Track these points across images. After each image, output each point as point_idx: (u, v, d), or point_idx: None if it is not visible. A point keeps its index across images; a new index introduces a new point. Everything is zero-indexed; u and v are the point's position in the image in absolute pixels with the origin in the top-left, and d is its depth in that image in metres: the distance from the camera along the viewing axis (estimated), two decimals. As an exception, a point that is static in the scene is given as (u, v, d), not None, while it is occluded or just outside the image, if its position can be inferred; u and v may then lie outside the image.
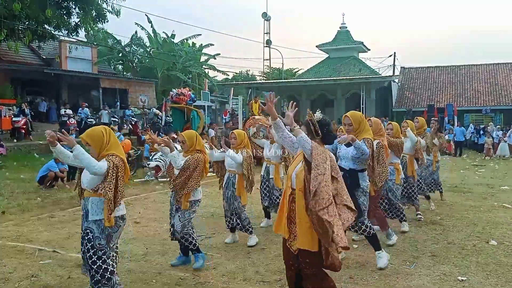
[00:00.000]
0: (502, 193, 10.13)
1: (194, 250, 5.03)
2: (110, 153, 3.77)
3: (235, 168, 5.81)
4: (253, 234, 5.98)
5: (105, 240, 3.79)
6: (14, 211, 8.12)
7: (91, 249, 3.75)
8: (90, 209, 3.79)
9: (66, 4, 19.77)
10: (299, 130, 3.39)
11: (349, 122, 4.93)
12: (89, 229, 3.77)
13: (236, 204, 5.84)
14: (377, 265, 4.95)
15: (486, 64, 31.68)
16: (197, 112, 13.28)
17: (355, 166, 4.89)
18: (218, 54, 37.50)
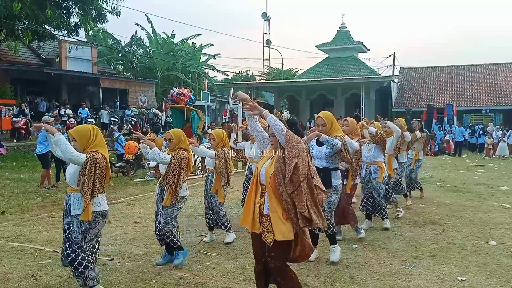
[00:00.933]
0: (502, 193, 10.14)
1: (175, 248, 5.10)
2: (94, 149, 3.89)
3: (211, 166, 5.96)
4: (231, 231, 6.09)
5: (81, 235, 3.89)
6: (14, 211, 8.12)
7: (67, 241, 3.90)
8: (72, 204, 3.91)
9: (66, 4, 19.78)
10: (267, 112, 3.49)
11: (322, 123, 5.02)
12: (70, 223, 3.92)
13: (213, 202, 5.97)
14: (330, 258, 5.12)
15: (485, 64, 31.70)
16: (196, 112, 13.27)
17: (328, 164, 4.99)
18: (218, 54, 37.60)
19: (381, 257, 5.37)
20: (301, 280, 4.59)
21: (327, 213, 4.96)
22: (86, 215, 3.83)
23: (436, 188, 10.78)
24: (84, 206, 3.81)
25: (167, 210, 5.03)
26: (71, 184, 3.94)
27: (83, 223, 3.87)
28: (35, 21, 18.49)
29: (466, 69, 31.81)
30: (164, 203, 5.00)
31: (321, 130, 4.99)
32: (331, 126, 5.04)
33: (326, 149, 4.94)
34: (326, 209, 4.93)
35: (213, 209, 6.02)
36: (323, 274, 4.78)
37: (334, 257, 5.14)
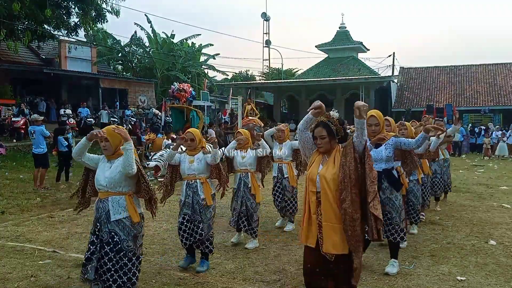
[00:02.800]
0: (501, 193, 10.15)
1: (204, 254, 4.96)
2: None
3: (247, 166, 5.79)
4: (256, 239, 5.89)
5: (132, 241, 3.66)
6: (14, 211, 8.12)
7: (120, 251, 3.60)
8: (111, 208, 3.63)
9: (66, 4, 19.76)
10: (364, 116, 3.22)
11: (375, 122, 4.70)
12: (113, 232, 3.61)
13: (249, 204, 5.75)
14: (386, 269, 4.82)
15: (485, 65, 31.71)
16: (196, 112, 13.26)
17: (387, 165, 4.72)
18: (217, 54, 37.59)
19: (380, 257, 5.37)
20: (300, 280, 4.60)
21: (396, 219, 4.66)
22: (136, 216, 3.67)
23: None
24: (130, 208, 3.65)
25: (206, 213, 4.89)
26: (108, 188, 3.65)
27: (131, 229, 3.65)
28: (35, 21, 18.47)
29: (466, 69, 31.82)
30: (209, 203, 4.87)
31: (374, 130, 4.67)
32: (383, 126, 4.75)
33: (386, 150, 4.67)
34: (394, 215, 4.66)
35: (248, 212, 5.76)
36: (323, 274, 4.77)
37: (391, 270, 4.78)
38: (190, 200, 4.92)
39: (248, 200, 5.76)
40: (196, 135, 5.02)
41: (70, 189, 10.22)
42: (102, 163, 3.77)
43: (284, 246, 5.84)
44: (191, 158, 4.98)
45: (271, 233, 6.57)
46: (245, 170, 5.80)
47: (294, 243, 5.97)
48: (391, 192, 4.68)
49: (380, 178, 4.57)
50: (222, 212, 7.72)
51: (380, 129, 4.71)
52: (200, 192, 4.90)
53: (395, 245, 4.83)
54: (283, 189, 6.70)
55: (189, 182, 4.97)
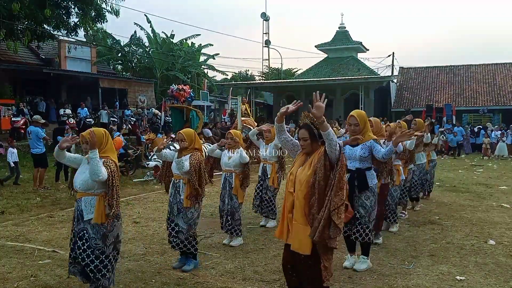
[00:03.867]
0: (501, 193, 10.16)
1: (191, 254, 4.98)
2: (105, 156, 3.86)
3: (232, 167, 5.85)
4: (240, 237, 5.98)
5: (101, 240, 3.82)
6: (13, 211, 8.12)
7: (88, 249, 3.78)
8: (84, 208, 3.82)
9: (65, 4, 19.75)
10: (327, 124, 3.28)
11: (355, 122, 4.76)
12: (84, 230, 3.81)
13: (232, 204, 5.85)
14: (355, 266, 4.92)
15: (484, 64, 31.74)
16: (196, 112, 13.28)
17: (361, 165, 4.76)
18: (217, 54, 37.59)
19: (380, 256, 5.37)
20: (300, 279, 4.61)
21: (365, 218, 4.71)
22: (99, 218, 3.76)
23: (435, 188, 10.75)
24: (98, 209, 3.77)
25: (187, 213, 4.88)
26: (83, 190, 3.85)
27: (100, 228, 3.80)
28: (35, 21, 18.46)
29: (465, 69, 31.84)
30: (185, 204, 4.85)
31: (354, 130, 4.74)
32: (364, 127, 4.77)
33: (361, 150, 4.71)
34: (362, 214, 4.70)
35: (230, 211, 5.84)
36: (322, 274, 4.78)
37: (360, 267, 4.88)
38: (172, 198, 5.01)
39: (231, 199, 5.85)
40: (187, 136, 4.97)
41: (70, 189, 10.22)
42: (83, 165, 3.93)
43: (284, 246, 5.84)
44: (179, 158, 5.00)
45: (271, 232, 6.57)
46: (230, 170, 5.87)
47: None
48: (361, 191, 4.72)
49: (353, 177, 4.70)
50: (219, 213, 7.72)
51: (361, 129, 4.75)
52: (182, 192, 4.92)
53: (364, 244, 4.89)
54: (264, 188, 6.84)
55: (174, 181, 5.03)
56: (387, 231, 6.45)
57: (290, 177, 3.46)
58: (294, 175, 3.43)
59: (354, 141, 4.70)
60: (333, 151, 3.27)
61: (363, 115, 4.84)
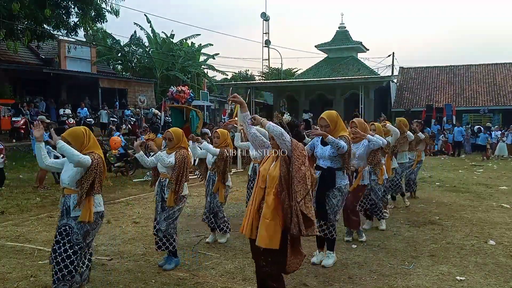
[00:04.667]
0: (501, 193, 10.15)
1: (171, 252, 5.03)
2: (89, 152, 3.90)
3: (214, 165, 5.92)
4: (227, 234, 6.06)
5: (82, 236, 3.86)
6: (13, 211, 8.12)
7: (67, 243, 3.81)
8: (71, 205, 3.87)
9: (65, 4, 19.75)
10: (265, 120, 3.47)
11: (325, 124, 4.90)
12: (67, 225, 3.85)
13: (214, 202, 5.93)
14: (323, 262, 5.03)
15: (484, 64, 31.72)
16: (196, 112, 13.27)
17: (332, 164, 4.89)
18: (217, 54, 37.56)
19: (380, 257, 5.37)
20: (300, 280, 4.62)
21: (330, 216, 4.87)
22: (86, 216, 3.81)
23: (435, 188, 10.79)
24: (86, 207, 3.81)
25: (168, 211, 4.97)
26: (70, 186, 3.92)
27: (84, 225, 3.84)
28: (34, 21, 18.47)
29: (465, 69, 31.83)
30: (169, 204, 4.92)
31: (324, 131, 4.85)
32: (335, 127, 4.91)
33: (330, 150, 4.84)
34: (328, 212, 4.84)
35: (213, 210, 5.96)
36: (322, 274, 4.78)
37: (327, 262, 5.02)
38: (157, 196, 5.09)
39: (214, 198, 5.92)
40: (174, 135, 5.06)
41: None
42: (67, 163, 3.98)
43: (284, 246, 5.84)
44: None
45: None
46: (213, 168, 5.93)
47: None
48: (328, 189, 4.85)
49: (323, 175, 4.86)
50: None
51: (331, 130, 4.88)
52: (166, 191, 4.99)
53: (330, 240, 5.03)
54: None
55: (161, 179, 5.12)
56: (376, 230, 6.57)
57: (263, 173, 3.56)
58: (266, 171, 3.53)
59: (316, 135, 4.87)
60: (281, 143, 3.42)
61: (334, 116, 5.00)
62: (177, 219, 5.12)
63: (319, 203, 4.82)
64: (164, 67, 33.13)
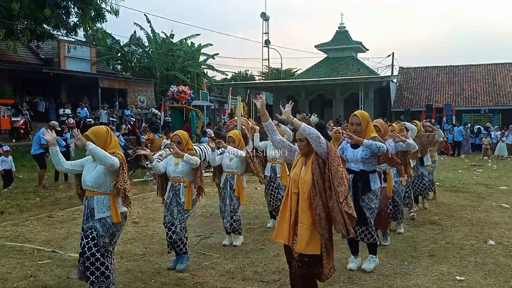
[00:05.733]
0: (500, 193, 10.15)
1: (183, 253, 5.01)
2: (111, 152, 3.84)
3: (233, 169, 5.83)
4: (241, 235, 5.99)
5: (109, 238, 3.84)
6: (13, 211, 8.12)
7: (94, 247, 3.76)
8: (96, 207, 3.80)
9: (65, 4, 19.74)
10: (298, 121, 3.39)
11: (357, 122, 4.72)
12: (93, 228, 3.79)
13: (232, 204, 5.83)
14: (363, 265, 4.91)
15: (484, 64, 31.72)
16: (196, 112, 13.28)
17: (365, 167, 4.72)
18: (217, 54, 37.52)
19: (380, 257, 5.35)
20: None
21: (369, 220, 4.69)
22: (115, 216, 3.78)
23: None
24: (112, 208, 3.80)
25: (183, 214, 4.94)
26: (94, 188, 3.83)
27: (110, 227, 3.81)
28: (34, 20, 18.46)
29: (465, 69, 31.83)
30: (187, 207, 4.90)
31: (355, 129, 4.70)
32: (366, 127, 4.73)
33: (362, 152, 4.67)
34: (367, 216, 4.67)
35: (229, 212, 5.84)
36: (322, 274, 4.78)
37: (369, 266, 4.86)
38: (169, 200, 5.02)
39: (232, 200, 5.84)
40: (183, 138, 5.03)
41: (70, 189, 10.24)
42: (88, 164, 3.93)
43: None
44: (176, 160, 5.03)
45: (271, 233, 6.56)
46: (231, 172, 5.86)
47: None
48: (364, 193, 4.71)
49: (356, 179, 4.71)
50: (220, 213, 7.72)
51: (362, 129, 4.72)
52: (182, 195, 4.95)
53: (372, 244, 4.90)
54: (276, 188, 6.78)
55: (173, 184, 5.04)
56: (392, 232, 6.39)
57: (294, 178, 3.49)
58: (298, 175, 3.47)
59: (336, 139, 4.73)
60: (317, 145, 3.35)
61: (366, 116, 4.84)
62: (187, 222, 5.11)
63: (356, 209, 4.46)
64: (164, 67, 33.12)
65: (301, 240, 3.35)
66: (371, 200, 4.73)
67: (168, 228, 4.98)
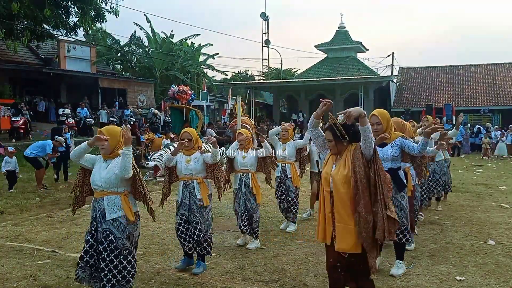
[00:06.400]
0: (500, 193, 10.16)
1: (207, 252, 4.90)
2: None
3: (248, 167, 5.77)
4: (258, 239, 5.88)
5: (128, 240, 3.69)
6: (13, 211, 8.12)
7: (115, 249, 3.61)
8: (107, 207, 3.65)
9: (65, 4, 19.74)
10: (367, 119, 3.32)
11: (377, 121, 4.63)
12: (108, 231, 3.64)
13: (250, 205, 5.73)
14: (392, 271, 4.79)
15: (484, 64, 31.72)
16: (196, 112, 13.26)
17: (393, 165, 4.63)
18: (216, 54, 37.53)
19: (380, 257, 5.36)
20: (299, 279, 4.61)
21: (402, 219, 4.60)
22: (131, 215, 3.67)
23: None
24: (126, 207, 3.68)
25: (202, 213, 4.82)
26: (104, 188, 3.68)
27: (125, 228, 3.66)
28: (34, 20, 18.45)
29: (465, 69, 31.83)
30: (206, 203, 4.82)
31: (376, 129, 4.58)
32: (387, 125, 4.64)
33: (392, 150, 4.61)
34: (400, 215, 4.54)
35: (248, 212, 5.73)
36: (322, 274, 4.77)
37: (397, 272, 4.75)
38: (187, 200, 4.87)
39: (249, 200, 5.73)
40: (193, 135, 4.97)
41: (70, 189, 10.20)
42: (98, 163, 3.78)
43: (284, 246, 5.84)
44: (187, 158, 4.92)
45: (270, 233, 6.57)
46: (246, 170, 5.77)
47: (293, 243, 5.98)
48: (396, 192, 4.60)
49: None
50: (221, 212, 7.73)
51: (384, 128, 4.63)
52: (197, 192, 4.85)
53: (401, 246, 4.81)
54: (286, 189, 6.66)
55: (185, 182, 4.91)
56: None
57: (325, 177, 3.46)
58: (329, 174, 3.45)
59: (381, 140, 4.63)
60: (367, 147, 3.31)
61: (386, 114, 4.77)
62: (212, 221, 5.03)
63: None
64: (164, 67, 33.12)
65: (340, 238, 3.34)
66: (403, 198, 4.67)
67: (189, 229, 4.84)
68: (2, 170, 10.24)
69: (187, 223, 4.87)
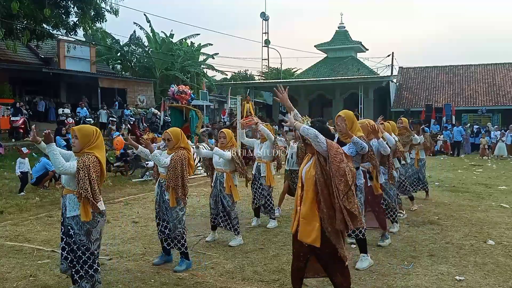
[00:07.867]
0: (500, 193, 10.16)
1: (183, 254, 5.00)
2: (90, 151, 3.83)
3: (222, 167, 5.86)
4: (239, 236, 5.99)
5: (85, 236, 3.85)
6: (12, 210, 8.11)
7: (73, 244, 3.85)
8: (67, 205, 3.88)
9: (65, 4, 19.73)
10: (298, 124, 3.61)
11: (342, 120, 4.85)
12: (69, 226, 3.88)
13: (225, 203, 5.85)
14: (356, 265, 4.94)
15: (484, 64, 31.75)
16: (195, 112, 13.27)
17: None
18: (216, 53, 37.54)
19: (379, 257, 5.37)
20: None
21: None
22: (85, 215, 3.77)
23: (434, 188, 10.78)
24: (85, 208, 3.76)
25: (171, 212, 4.93)
26: (66, 186, 3.91)
27: (83, 224, 3.82)
28: (34, 20, 18.44)
29: (465, 69, 31.85)
30: (172, 204, 4.88)
31: (340, 128, 4.81)
32: (352, 126, 4.84)
33: (348, 149, 4.73)
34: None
35: (225, 210, 5.87)
36: (322, 274, 4.78)
37: (361, 265, 4.94)
38: (158, 198, 5.06)
39: (224, 198, 5.87)
40: (173, 136, 4.96)
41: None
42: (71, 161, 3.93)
43: (283, 246, 5.85)
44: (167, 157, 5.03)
45: (270, 233, 6.58)
46: (221, 170, 5.89)
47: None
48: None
49: None
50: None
51: (348, 127, 4.82)
52: (166, 192, 4.94)
53: (361, 241, 5.01)
54: (259, 187, 6.80)
55: (160, 180, 5.06)
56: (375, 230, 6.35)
57: (299, 174, 3.73)
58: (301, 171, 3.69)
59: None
60: (317, 144, 3.47)
61: (351, 115, 4.97)
62: (184, 219, 5.03)
63: None
64: (164, 67, 33.12)
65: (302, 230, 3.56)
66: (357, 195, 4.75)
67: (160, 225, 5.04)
68: (17, 173, 10.11)
69: (160, 219, 5.09)
